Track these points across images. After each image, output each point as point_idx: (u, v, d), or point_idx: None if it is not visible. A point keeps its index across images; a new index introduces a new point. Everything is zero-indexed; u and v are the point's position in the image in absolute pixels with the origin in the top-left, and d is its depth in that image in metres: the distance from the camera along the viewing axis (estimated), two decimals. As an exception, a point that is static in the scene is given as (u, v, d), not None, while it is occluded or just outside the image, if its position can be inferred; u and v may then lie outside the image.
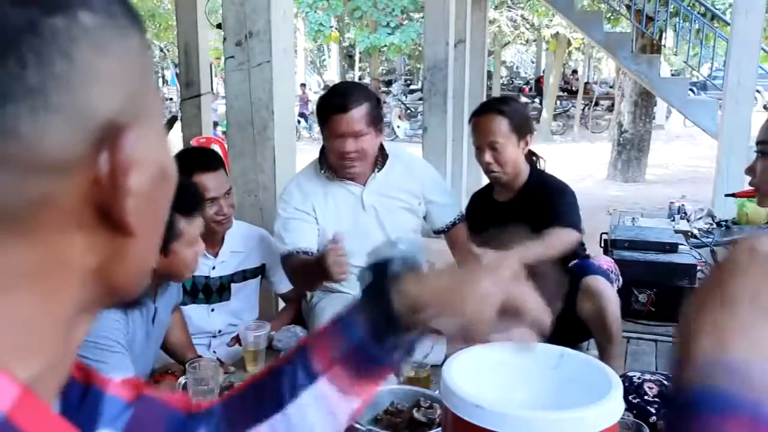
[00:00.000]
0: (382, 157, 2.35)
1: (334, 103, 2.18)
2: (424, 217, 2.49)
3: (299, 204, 2.29)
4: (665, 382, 1.76)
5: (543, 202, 2.29)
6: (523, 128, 2.31)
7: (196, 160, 2.24)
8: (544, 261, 1.96)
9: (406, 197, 2.41)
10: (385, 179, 2.36)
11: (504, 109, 2.30)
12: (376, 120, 2.24)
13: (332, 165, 2.29)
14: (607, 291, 2.15)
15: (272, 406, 0.71)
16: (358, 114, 2.16)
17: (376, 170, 2.34)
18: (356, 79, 24.05)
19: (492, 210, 2.44)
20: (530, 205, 2.32)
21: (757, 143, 1.62)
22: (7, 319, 0.38)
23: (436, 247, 2.67)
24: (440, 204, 2.50)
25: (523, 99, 18.58)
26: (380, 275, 0.75)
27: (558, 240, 2.09)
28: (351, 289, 2.29)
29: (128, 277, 0.45)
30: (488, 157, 2.29)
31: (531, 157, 2.42)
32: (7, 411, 0.35)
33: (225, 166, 2.33)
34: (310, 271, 2.16)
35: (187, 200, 1.81)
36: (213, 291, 2.34)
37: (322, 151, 2.36)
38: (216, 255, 2.32)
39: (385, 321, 0.72)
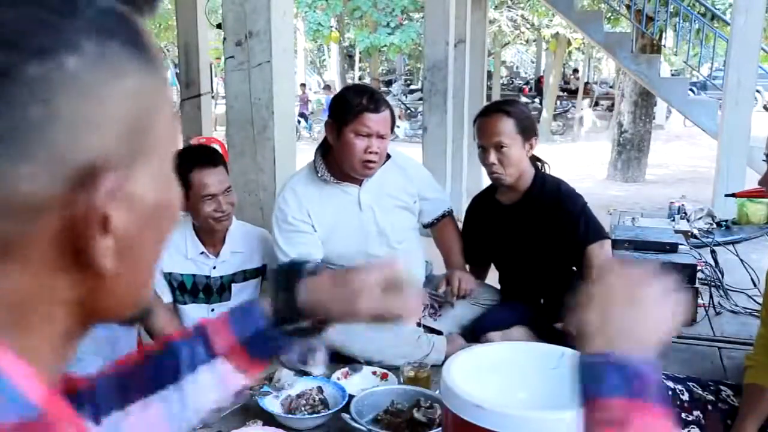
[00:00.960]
0: None
1: (367, 103, 2.20)
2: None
3: (296, 213, 2.28)
4: (665, 382, 1.76)
5: (555, 208, 2.30)
6: (528, 131, 2.31)
7: (196, 156, 2.25)
8: None
9: (402, 196, 2.42)
10: (380, 180, 2.37)
11: (510, 110, 2.30)
12: (393, 126, 2.31)
13: (346, 164, 2.26)
14: None
15: (168, 378, 0.77)
16: (386, 116, 2.23)
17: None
18: (356, 80, 24.06)
19: (496, 213, 2.44)
20: (538, 208, 2.32)
21: (766, 155, 1.64)
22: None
23: (437, 252, 2.67)
24: (431, 199, 2.53)
25: (523, 99, 18.60)
26: (289, 273, 0.87)
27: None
28: None
29: (115, 307, 0.45)
30: (493, 158, 2.28)
31: (535, 161, 2.42)
32: (38, 403, 0.37)
33: (226, 163, 2.33)
34: None
35: None
36: (213, 291, 2.34)
37: (320, 151, 2.36)
38: (217, 255, 2.33)
39: (287, 310, 0.82)
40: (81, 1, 0.38)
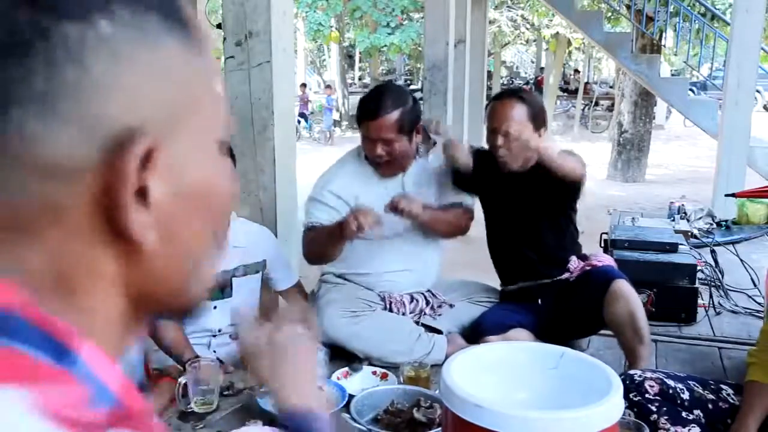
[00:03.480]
0: (420, 147, 2.44)
1: (366, 109, 2.30)
2: None
3: (335, 188, 2.38)
4: (666, 381, 1.76)
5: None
6: (538, 120, 2.32)
7: None
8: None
9: (431, 196, 2.45)
10: (419, 174, 2.44)
11: (524, 97, 2.34)
12: (410, 124, 2.31)
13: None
14: (634, 294, 2.19)
15: None
16: (387, 122, 2.26)
17: (412, 165, 2.43)
18: (356, 79, 24.04)
19: (497, 171, 2.41)
20: (540, 177, 2.32)
21: None
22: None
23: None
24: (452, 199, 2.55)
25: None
26: None
27: (570, 157, 2.28)
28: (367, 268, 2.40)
29: (165, 295, 0.44)
30: (500, 141, 2.28)
31: None
32: (117, 392, 0.38)
33: (233, 156, 2.34)
34: (330, 230, 2.25)
35: None
36: (215, 286, 2.35)
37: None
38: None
39: None
40: None
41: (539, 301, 2.41)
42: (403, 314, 2.39)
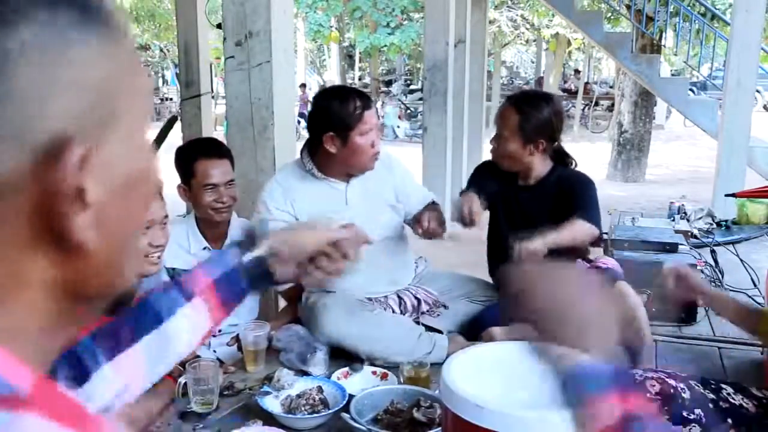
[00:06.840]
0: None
1: (362, 102, 2.25)
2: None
3: (279, 203, 2.29)
4: (667, 380, 1.76)
5: (565, 191, 2.36)
6: (534, 133, 2.31)
7: (202, 147, 2.34)
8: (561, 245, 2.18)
9: (388, 194, 2.44)
10: (367, 176, 2.38)
11: (524, 108, 2.33)
12: None
13: (356, 166, 2.30)
14: (636, 297, 2.22)
15: (151, 324, 0.86)
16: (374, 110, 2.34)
17: None
18: (356, 79, 24.05)
19: (508, 183, 2.47)
20: (547, 194, 2.37)
21: None
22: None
23: (432, 250, 2.67)
24: (416, 194, 2.55)
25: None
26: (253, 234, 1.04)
27: (577, 231, 2.26)
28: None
29: (98, 285, 0.43)
30: (493, 142, 2.43)
31: (563, 157, 2.48)
32: (17, 383, 0.36)
33: (232, 158, 2.36)
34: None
35: None
36: None
37: (307, 147, 2.36)
38: (220, 249, 2.34)
39: (254, 262, 0.97)
40: None
41: None
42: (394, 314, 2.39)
